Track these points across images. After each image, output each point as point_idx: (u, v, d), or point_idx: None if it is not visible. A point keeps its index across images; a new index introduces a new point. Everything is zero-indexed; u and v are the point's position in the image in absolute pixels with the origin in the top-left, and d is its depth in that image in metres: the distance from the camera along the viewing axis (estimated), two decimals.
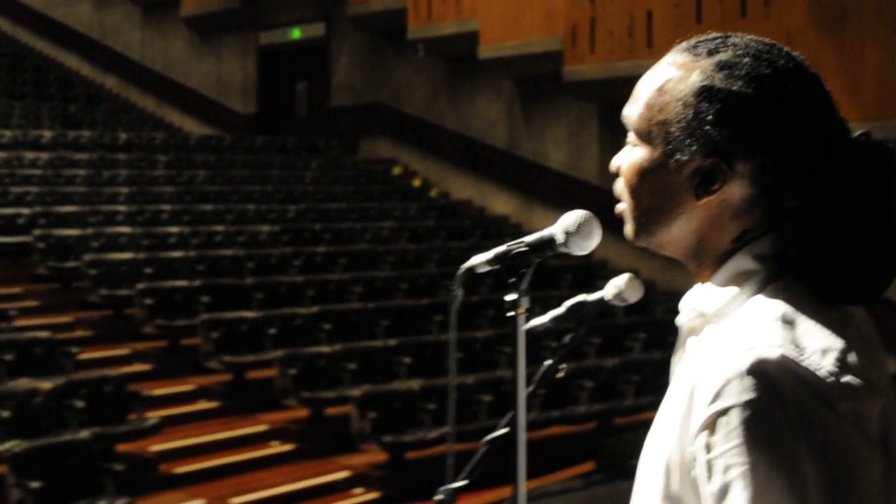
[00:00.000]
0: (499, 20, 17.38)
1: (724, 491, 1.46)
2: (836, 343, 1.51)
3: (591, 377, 11.92)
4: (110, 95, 25.93)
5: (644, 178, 1.67)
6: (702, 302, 1.66)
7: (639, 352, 13.36)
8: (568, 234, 1.96)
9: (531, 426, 10.76)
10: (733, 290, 1.61)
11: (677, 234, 1.68)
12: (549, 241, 1.98)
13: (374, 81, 21.34)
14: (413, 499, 9.90)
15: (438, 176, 20.28)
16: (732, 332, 1.54)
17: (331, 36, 22.09)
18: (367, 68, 21.50)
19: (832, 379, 1.47)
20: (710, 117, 1.59)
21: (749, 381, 1.46)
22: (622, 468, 8.32)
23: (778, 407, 1.45)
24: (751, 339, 1.50)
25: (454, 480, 2.57)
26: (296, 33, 22.78)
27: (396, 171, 20.74)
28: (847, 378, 1.48)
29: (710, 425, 1.48)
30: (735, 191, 1.59)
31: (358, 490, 10.29)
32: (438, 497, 2.57)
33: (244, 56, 23.79)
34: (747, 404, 1.46)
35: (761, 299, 1.57)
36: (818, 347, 1.50)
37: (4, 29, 29.07)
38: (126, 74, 26.39)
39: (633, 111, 1.70)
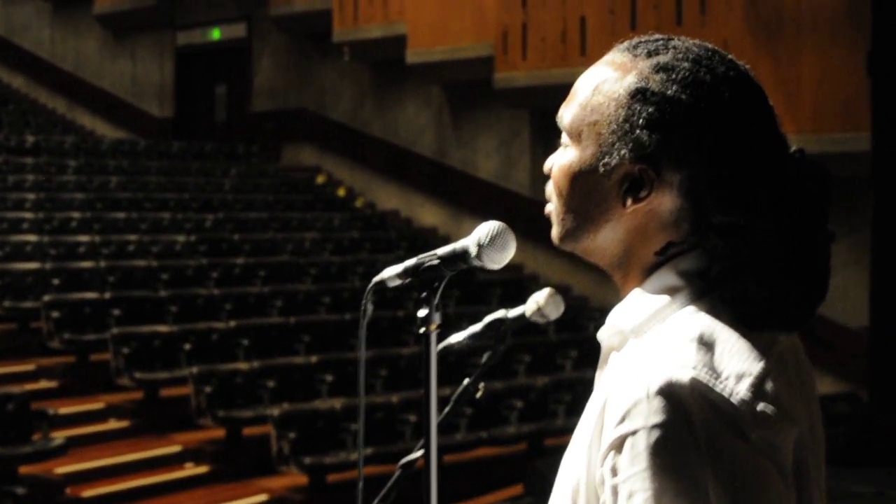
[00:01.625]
0: (427, 24, 17.44)
1: None
2: (753, 368, 1.50)
3: (520, 396, 11.98)
4: (17, 96, 25.65)
5: (573, 181, 1.66)
6: (621, 317, 1.64)
7: (570, 370, 13.43)
8: (481, 246, 1.93)
9: (458, 447, 10.88)
10: (654, 306, 1.59)
11: (603, 241, 1.65)
12: (462, 254, 1.95)
13: (298, 85, 21.31)
14: None
15: (364, 185, 20.29)
16: (648, 350, 1.53)
17: (252, 37, 22.03)
18: (290, 72, 21.46)
19: (745, 406, 1.46)
20: (641, 121, 1.57)
21: (658, 402, 1.45)
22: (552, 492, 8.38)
23: (686, 432, 1.43)
24: (664, 359, 1.49)
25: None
26: (215, 34, 22.69)
27: (320, 179, 20.72)
28: (761, 406, 1.47)
29: (618, 447, 1.48)
30: (664, 201, 1.57)
31: None
32: None
33: (161, 56, 23.65)
34: (655, 427, 1.44)
35: (682, 317, 1.55)
36: (734, 372, 1.48)
37: None
38: (35, 74, 26.11)
39: (567, 111, 1.69)
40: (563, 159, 1.69)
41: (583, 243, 1.69)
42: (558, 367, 13.45)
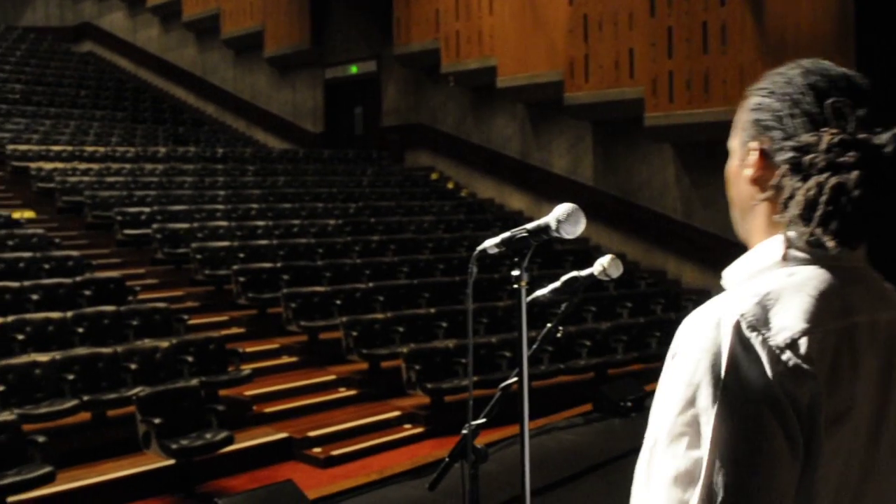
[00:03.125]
0: (512, 57, 17.40)
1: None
2: (797, 326, 1.32)
3: (588, 337, 11.92)
4: (210, 119, 26.07)
5: (729, 184, 1.54)
6: (729, 271, 1.49)
7: (626, 317, 13.33)
8: (559, 221, 1.98)
9: (541, 376, 10.86)
10: (754, 265, 1.44)
11: (748, 224, 1.50)
12: (545, 228, 1.98)
13: (415, 106, 21.34)
14: (450, 433, 9.98)
15: (467, 180, 20.27)
16: (721, 297, 1.39)
17: (381, 71, 22.09)
18: (409, 96, 21.50)
19: (775, 351, 1.30)
20: (756, 125, 1.46)
21: (697, 333, 1.34)
22: (615, 409, 8.35)
23: (709, 362, 1.31)
24: (723, 304, 1.36)
25: (477, 419, 2.60)
26: (353, 69, 22.79)
27: (434, 176, 20.74)
28: (787, 355, 1.30)
29: (665, 367, 1.38)
30: (780, 182, 1.39)
31: (407, 426, 10.34)
32: (465, 432, 2.61)
33: (314, 87, 23.83)
34: (686, 353, 1.34)
35: (769, 277, 1.39)
36: (779, 325, 1.32)
37: (129, 69, 29.28)
38: (222, 103, 26.51)
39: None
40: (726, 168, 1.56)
41: (741, 229, 1.53)
42: (617, 315, 13.36)
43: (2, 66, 25.26)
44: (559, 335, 2.75)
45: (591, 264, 2.76)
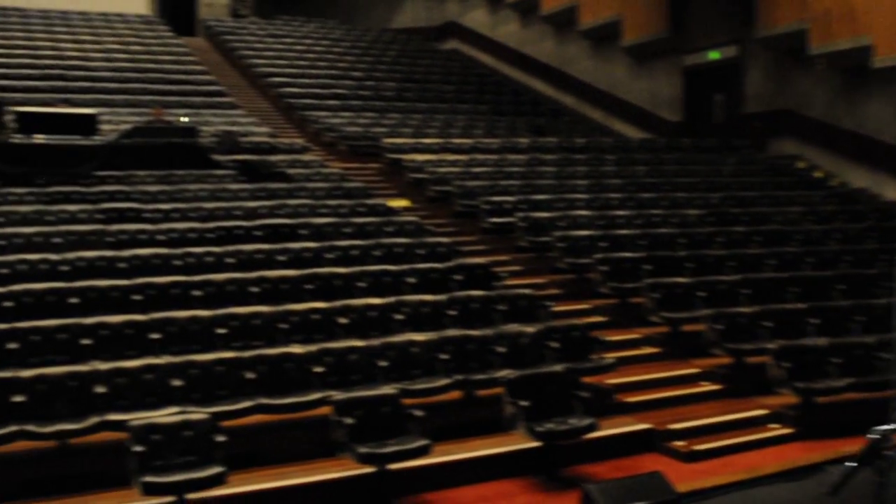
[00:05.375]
0: (891, 34, 16.09)
1: None
2: None
3: None
4: (569, 110, 26.40)
5: None
6: None
7: None
8: None
9: None
10: None
11: None
12: None
13: (780, 91, 20.33)
14: (823, 436, 9.41)
15: (837, 168, 19.04)
16: None
17: (742, 55, 21.26)
18: (773, 81, 20.52)
19: None
20: None
21: None
22: None
23: None
24: None
25: (888, 423, 2.38)
26: (713, 55, 22.12)
27: (801, 164, 19.66)
28: None
29: None
30: None
31: (773, 425, 9.88)
32: (873, 435, 2.39)
33: (671, 75, 23.42)
34: None
35: None
36: None
37: (490, 64, 30.36)
38: (580, 94, 26.76)
39: None
40: None
41: None
42: None
43: (377, 66, 27.15)
44: None
45: None
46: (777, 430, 9.76)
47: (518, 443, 8.72)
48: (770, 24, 19.52)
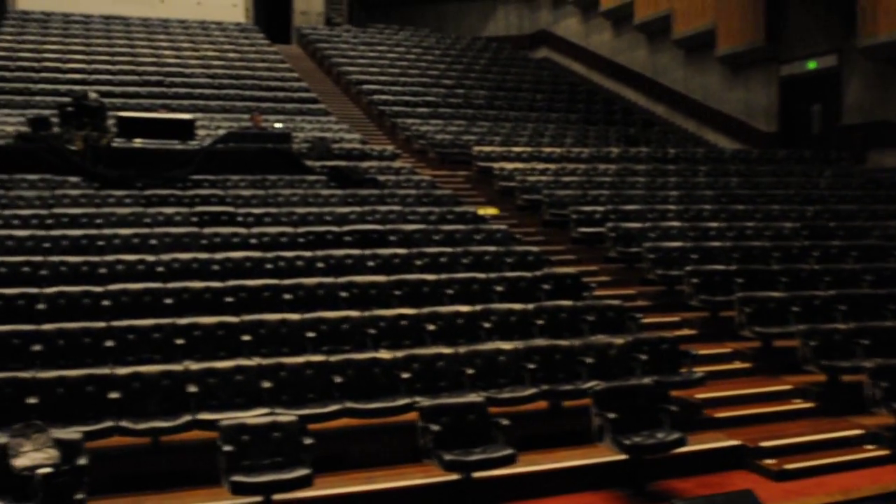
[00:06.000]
0: None
1: None
2: None
3: None
4: (660, 120, 26.13)
5: None
6: None
7: None
8: None
9: None
10: None
11: None
12: None
13: (882, 102, 19.77)
14: None
15: None
16: None
17: (842, 65, 20.75)
18: (874, 91, 19.97)
19: None
20: None
21: None
22: None
23: None
24: None
25: None
26: (811, 65, 21.65)
27: None
28: None
29: None
30: None
31: (869, 447, 9.58)
32: None
33: (767, 85, 23.00)
34: None
35: None
36: None
37: (581, 73, 30.24)
38: (672, 103, 26.47)
39: None
40: None
41: None
42: None
43: (468, 74, 27.23)
44: None
45: None
46: (873, 452, 9.46)
47: (604, 455, 8.63)
48: (872, 32, 19.01)
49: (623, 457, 8.43)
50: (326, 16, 33.81)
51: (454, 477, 7.91)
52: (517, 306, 10.85)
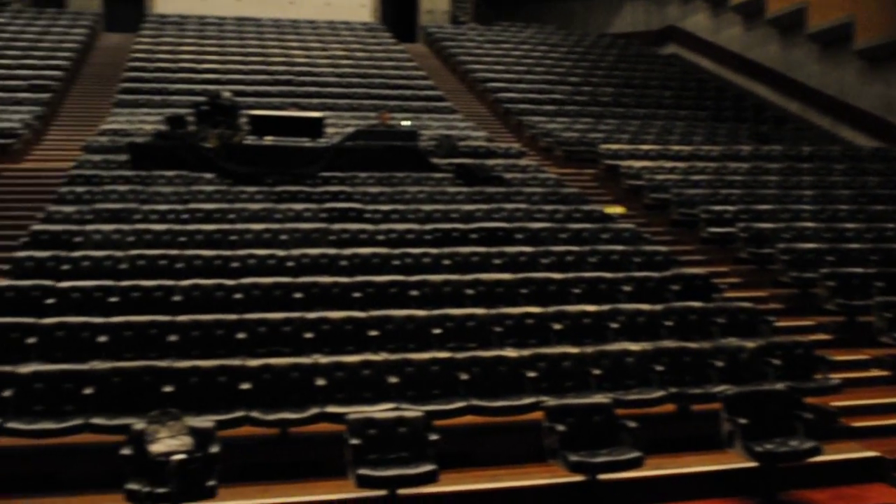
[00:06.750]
0: None
1: None
2: None
3: None
4: (794, 117, 25.32)
5: None
6: None
7: None
8: None
9: None
10: None
11: None
12: None
13: None
14: None
15: None
16: None
17: None
18: None
19: None
20: None
21: None
22: None
23: None
24: None
25: None
26: None
27: None
28: None
29: None
30: None
31: None
32: None
33: None
34: None
35: None
36: None
37: (710, 69, 29.55)
38: (806, 100, 25.61)
39: None
40: None
41: None
42: None
43: (594, 72, 26.95)
44: None
45: None
46: None
47: (734, 462, 8.42)
48: None
49: (754, 464, 8.19)
50: (452, 14, 33.95)
51: (579, 478, 7.82)
52: (645, 307, 10.67)
